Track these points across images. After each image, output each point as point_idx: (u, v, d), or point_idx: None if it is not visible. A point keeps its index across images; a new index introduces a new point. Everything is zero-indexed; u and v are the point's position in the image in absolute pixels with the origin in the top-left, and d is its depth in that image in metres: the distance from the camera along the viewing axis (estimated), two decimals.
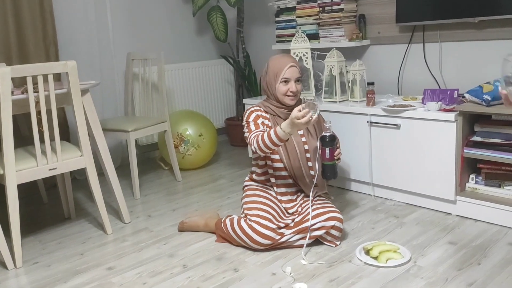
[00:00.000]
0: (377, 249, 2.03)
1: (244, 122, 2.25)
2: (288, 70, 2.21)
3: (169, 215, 2.70)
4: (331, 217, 2.13)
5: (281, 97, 2.24)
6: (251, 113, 2.25)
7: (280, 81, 2.21)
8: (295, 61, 2.26)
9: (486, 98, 2.22)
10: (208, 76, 4.14)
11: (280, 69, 2.22)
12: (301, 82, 2.27)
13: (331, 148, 2.11)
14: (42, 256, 2.27)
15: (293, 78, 2.21)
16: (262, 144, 2.06)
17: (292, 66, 2.22)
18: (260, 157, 2.30)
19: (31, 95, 2.12)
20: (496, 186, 2.32)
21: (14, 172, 2.12)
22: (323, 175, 2.18)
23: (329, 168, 2.15)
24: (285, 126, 1.97)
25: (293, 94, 2.22)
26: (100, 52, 3.46)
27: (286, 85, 2.21)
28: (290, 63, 2.22)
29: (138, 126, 2.98)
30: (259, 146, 2.07)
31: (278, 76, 2.22)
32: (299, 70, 2.24)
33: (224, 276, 1.96)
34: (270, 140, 2.03)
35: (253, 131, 2.16)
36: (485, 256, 1.99)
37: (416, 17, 2.79)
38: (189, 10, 4.02)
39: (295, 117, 1.90)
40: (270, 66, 2.27)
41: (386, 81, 3.15)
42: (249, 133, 2.17)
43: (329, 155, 2.12)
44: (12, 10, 3.00)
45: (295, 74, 2.22)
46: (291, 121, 1.92)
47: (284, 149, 2.22)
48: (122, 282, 1.97)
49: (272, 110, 2.26)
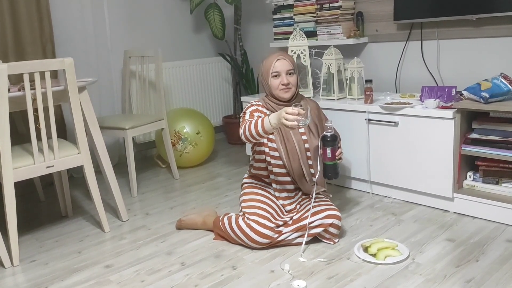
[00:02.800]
0: (376, 246, 2.03)
1: (242, 113, 2.25)
2: (277, 63, 2.21)
3: (167, 213, 2.69)
4: (329, 214, 2.12)
5: (275, 92, 2.24)
6: (251, 106, 2.26)
7: (271, 76, 2.22)
8: (284, 54, 2.26)
9: (484, 96, 2.22)
10: (205, 73, 4.13)
11: (270, 65, 2.23)
12: (295, 74, 2.24)
13: (332, 148, 2.10)
14: (39, 254, 2.26)
15: (283, 71, 2.21)
16: (247, 132, 2.02)
17: (280, 59, 2.22)
18: (257, 151, 2.29)
19: (28, 92, 2.11)
20: (494, 183, 2.33)
21: (11, 169, 2.10)
22: (325, 175, 2.17)
23: (331, 168, 2.14)
24: (272, 118, 1.92)
25: (285, 86, 2.21)
26: (97, 50, 3.44)
27: (277, 78, 2.21)
28: (277, 57, 2.22)
29: (136, 124, 2.97)
30: (245, 133, 2.04)
31: (268, 72, 2.23)
32: (289, 63, 2.23)
33: (223, 274, 1.96)
34: (255, 128, 1.99)
35: (246, 120, 2.12)
36: (483, 253, 2.00)
37: (414, 14, 2.79)
38: (186, 7, 4.01)
39: (284, 112, 1.83)
40: (263, 66, 2.29)
41: (384, 78, 3.15)
42: (242, 123, 2.14)
43: (330, 155, 2.11)
44: (9, 7, 2.98)
45: (284, 66, 2.21)
46: (279, 114, 1.86)
47: (284, 147, 2.22)
48: (120, 280, 1.97)
49: (272, 106, 2.26)
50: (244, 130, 2.05)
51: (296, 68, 2.27)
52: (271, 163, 2.25)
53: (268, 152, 2.25)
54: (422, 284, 1.79)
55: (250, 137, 2.04)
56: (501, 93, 2.24)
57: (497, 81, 2.27)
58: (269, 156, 2.25)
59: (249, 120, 2.08)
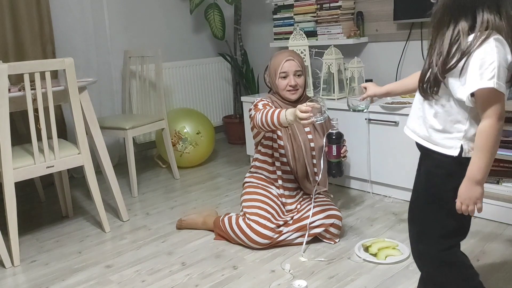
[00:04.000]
0: (376, 246, 2.03)
1: (252, 106, 2.17)
2: (285, 64, 2.20)
3: (167, 213, 2.69)
4: (330, 214, 2.12)
5: (282, 93, 2.23)
6: (261, 100, 2.19)
7: (278, 76, 2.21)
8: (294, 55, 2.24)
9: None
10: (205, 74, 4.13)
11: (278, 65, 2.21)
12: (303, 75, 2.23)
13: (337, 146, 2.10)
14: (40, 254, 2.26)
15: (291, 72, 2.19)
16: (264, 118, 1.99)
17: (289, 60, 2.20)
18: (264, 145, 2.27)
19: (28, 93, 2.11)
20: (494, 183, 2.32)
21: (11, 170, 2.10)
22: (329, 172, 2.16)
23: (335, 165, 2.13)
24: (289, 113, 1.88)
25: (293, 87, 2.20)
26: (97, 50, 3.44)
27: (285, 79, 2.20)
28: (287, 57, 2.20)
29: (136, 124, 2.97)
30: (262, 119, 2.00)
31: (276, 71, 2.21)
32: (298, 64, 2.22)
33: (223, 274, 1.96)
34: (271, 117, 1.96)
35: (261, 110, 2.07)
36: (483, 253, 2.00)
37: (413, 14, 2.79)
38: (186, 7, 4.01)
39: (298, 109, 1.80)
40: (271, 63, 2.27)
41: (384, 78, 3.14)
42: (256, 111, 2.10)
43: (336, 152, 2.10)
44: (9, 7, 2.98)
45: (293, 67, 2.20)
46: (295, 112, 1.82)
47: (290, 146, 2.21)
48: (121, 280, 1.97)
49: (279, 105, 2.25)
50: (262, 116, 2.00)
51: (304, 68, 2.25)
52: (279, 159, 2.24)
53: (277, 148, 2.24)
54: None
55: (265, 125, 2.00)
56: None
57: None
58: (278, 153, 2.24)
59: (267, 109, 2.02)
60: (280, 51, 2.31)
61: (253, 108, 2.17)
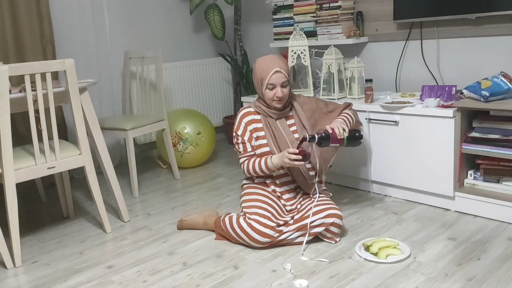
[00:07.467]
0: (377, 245, 2.03)
1: (234, 133, 2.29)
2: (273, 76, 2.17)
3: (168, 213, 2.70)
4: (330, 214, 2.13)
5: (268, 102, 2.23)
6: (242, 118, 2.28)
7: (266, 87, 2.20)
8: (281, 63, 2.20)
9: (484, 94, 2.23)
10: (205, 74, 4.13)
11: (265, 75, 2.19)
12: (289, 85, 2.22)
13: (329, 144, 2.09)
14: (41, 255, 2.26)
15: (279, 84, 2.18)
16: (252, 170, 2.22)
17: (277, 72, 2.17)
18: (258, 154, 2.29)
19: (29, 94, 2.12)
20: (495, 181, 2.33)
21: (12, 170, 2.11)
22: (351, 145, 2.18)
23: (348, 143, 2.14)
24: (275, 161, 2.12)
25: (279, 99, 2.21)
26: (97, 51, 3.45)
27: (272, 91, 2.20)
28: (275, 69, 2.17)
29: (136, 124, 2.97)
30: (249, 171, 2.23)
31: (263, 81, 2.20)
32: (285, 74, 2.19)
33: (224, 274, 1.96)
34: (260, 169, 2.19)
35: (244, 154, 2.26)
36: (484, 251, 2.00)
37: (413, 13, 2.79)
38: (186, 8, 4.01)
39: (287, 157, 2.02)
40: (256, 69, 2.25)
41: (384, 78, 3.15)
42: (240, 151, 2.28)
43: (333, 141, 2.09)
44: (9, 9, 2.99)
45: (280, 79, 2.18)
46: (282, 157, 2.05)
47: (277, 149, 2.22)
48: (122, 280, 1.97)
49: (264, 110, 2.27)
50: (248, 170, 2.24)
51: (290, 76, 2.25)
52: None
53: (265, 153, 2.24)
54: (424, 283, 1.79)
55: (254, 174, 2.24)
56: (501, 91, 2.24)
57: (497, 79, 2.27)
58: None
59: (249, 158, 2.24)
60: (266, 57, 2.25)
61: (235, 137, 2.30)
